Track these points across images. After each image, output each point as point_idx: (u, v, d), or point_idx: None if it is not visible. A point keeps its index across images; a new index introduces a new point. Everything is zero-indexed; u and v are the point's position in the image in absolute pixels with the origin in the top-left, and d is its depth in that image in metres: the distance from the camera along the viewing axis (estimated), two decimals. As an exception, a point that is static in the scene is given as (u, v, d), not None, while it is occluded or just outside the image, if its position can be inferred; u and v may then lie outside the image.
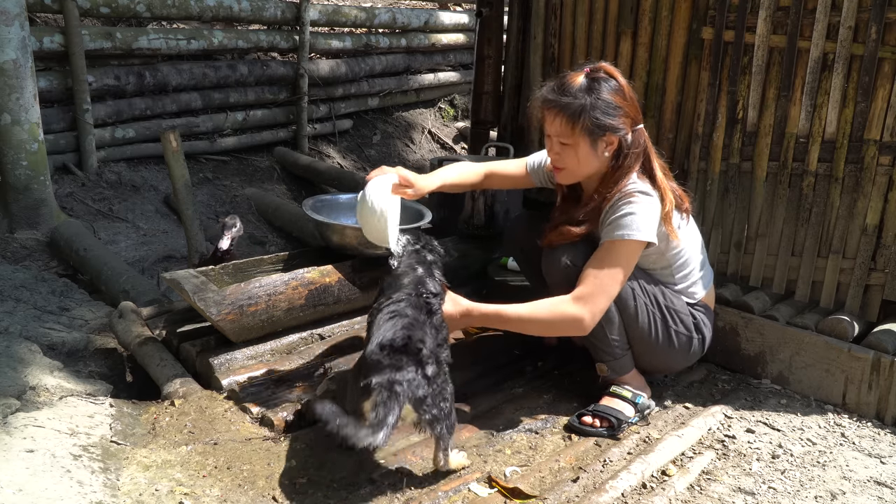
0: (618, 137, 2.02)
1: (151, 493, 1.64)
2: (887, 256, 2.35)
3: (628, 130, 2.02)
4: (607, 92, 1.99)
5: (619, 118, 2.00)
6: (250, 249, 4.14)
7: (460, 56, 6.92)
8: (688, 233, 2.15)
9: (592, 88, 1.99)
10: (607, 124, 1.99)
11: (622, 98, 2.01)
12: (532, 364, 2.44)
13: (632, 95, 2.04)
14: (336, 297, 2.41)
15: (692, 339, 2.16)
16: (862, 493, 1.87)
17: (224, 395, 2.11)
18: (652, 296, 2.10)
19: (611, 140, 2.02)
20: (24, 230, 3.59)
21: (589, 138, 2.00)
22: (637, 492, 1.80)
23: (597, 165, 2.06)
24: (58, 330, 2.58)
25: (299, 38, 5.29)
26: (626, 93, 2.02)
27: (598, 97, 1.98)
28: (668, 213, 2.04)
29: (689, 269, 2.16)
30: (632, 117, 2.03)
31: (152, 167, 4.63)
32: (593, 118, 1.97)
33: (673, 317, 2.13)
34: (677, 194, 2.10)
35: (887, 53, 2.28)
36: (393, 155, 6.06)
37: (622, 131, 2.01)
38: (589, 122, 1.98)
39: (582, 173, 2.09)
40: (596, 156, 2.03)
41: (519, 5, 3.28)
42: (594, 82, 1.99)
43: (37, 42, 3.86)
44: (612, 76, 2.02)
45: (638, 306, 2.08)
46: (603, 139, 2.01)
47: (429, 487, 1.76)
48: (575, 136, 2.00)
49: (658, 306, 2.11)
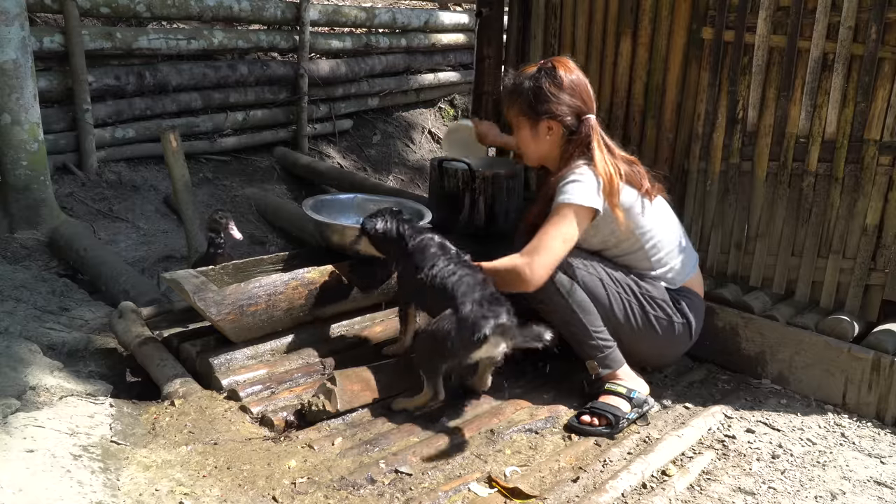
0: (557, 123, 2.18)
1: (151, 493, 1.63)
2: (887, 256, 2.35)
3: (570, 118, 2.17)
4: (547, 81, 2.17)
5: (555, 105, 2.16)
6: (250, 249, 4.15)
7: (460, 56, 6.92)
8: (655, 215, 2.21)
9: (536, 77, 2.19)
10: (541, 109, 2.18)
11: (558, 88, 2.17)
12: (532, 364, 2.44)
13: (574, 88, 2.18)
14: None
15: (674, 324, 2.19)
16: (862, 493, 1.87)
17: (224, 395, 2.11)
18: (625, 285, 2.17)
19: (550, 125, 2.19)
20: (24, 230, 3.59)
21: (528, 121, 2.22)
22: (637, 492, 1.80)
23: (545, 148, 2.24)
24: (58, 330, 2.58)
25: (299, 38, 5.29)
26: (564, 84, 2.17)
27: (537, 84, 2.18)
28: (607, 189, 2.11)
29: (663, 253, 2.21)
30: (573, 107, 2.18)
31: (152, 167, 4.63)
32: (528, 101, 2.19)
33: (650, 303, 2.17)
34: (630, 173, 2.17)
35: (887, 53, 2.28)
36: (393, 155, 6.06)
37: (561, 118, 2.17)
38: (525, 105, 2.20)
39: (532, 155, 2.29)
40: (537, 138, 2.23)
41: (519, 5, 3.28)
42: (539, 72, 2.20)
43: (37, 42, 3.86)
44: (556, 69, 2.18)
45: (610, 294, 2.14)
46: (542, 123, 2.20)
47: (429, 487, 1.76)
48: (518, 118, 2.25)
49: (633, 294, 2.17)
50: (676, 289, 2.23)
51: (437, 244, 2.14)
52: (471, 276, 2.01)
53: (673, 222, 2.28)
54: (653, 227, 2.19)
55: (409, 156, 6.17)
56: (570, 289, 2.12)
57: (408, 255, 2.15)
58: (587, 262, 2.16)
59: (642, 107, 2.88)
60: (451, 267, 2.04)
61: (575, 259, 2.14)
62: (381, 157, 5.98)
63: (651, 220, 2.19)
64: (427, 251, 2.12)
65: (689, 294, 2.25)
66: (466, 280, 1.99)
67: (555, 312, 2.15)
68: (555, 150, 2.23)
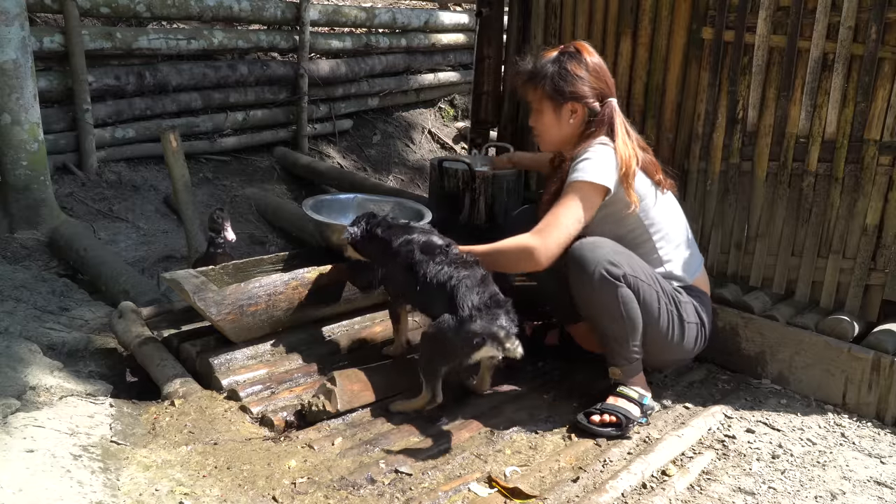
0: (581, 105, 2.16)
1: (151, 493, 1.63)
2: (887, 256, 2.35)
3: (594, 101, 2.16)
4: (571, 63, 2.16)
5: (580, 86, 2.15)
6: (250, 249, 4.14)
7: (460, 56, 6.91)
8: (665, 208, 2.20)
9: (558, 60, 2.18)
10: (567, 91, 2.16)
11: (584, 70, 2.16)
12: (532, 364, 2.44)
13: (599, 71, 2.18)
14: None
15: (698, 328, 2.19)
16: (862, 493, 1.87)
17: (224, 395, 2.11)
18: (671, 296, 2.12)
19: (574, 108, 2.17)
20: (24, 230, 3.59)
21: (552, 103, 2.19)
22: (637, 492, 1.80)
23: (567, 131, 2.21)
24: (58, 330, 2.58)
25: (299, 38, 5.29)
26: (589, 66, 2.17)
27: (561, 66, 2.17)
28: (625, 170, 2.09)
29: (671, 246, 2.19)
30: (597, 89, 2.17)
31: (152, 167, 4.63)
32: (554, 83, 2.16)
33: (684, 308, 2.15)
34: (647, 160, 2.17)
35: (887, 53, 2.28)
36: (393, 155, 6.05)
37: (585, 100, 2.16)
38: (549, 87, 2.17)
39: (552, 139, 2.25)
40: (560, 121, 2.20)
41: (519, 5, 3.28)
42: (562, 55, 2.19)
43: (37, 42, 3.86)
44: (580, 52, 2.18)
45: (661, 309, 2.09)
46: (566, 106, 2.17)
47: (429, 487, 1.76)
48: (541, 102, 2.21)
49: (674, 303, 2.13)
50: (687, 286, 2.21)
51: (420, 244, 2.10)
52: (469, 276, 2.00)
53: (681, 218, 2.27)
54: (662, 219, 2.18)
55: (409, 156, 6.17)
56: (629, 305, 2.03)
57: (392, 256, 2.14)
58: (648, 274, 2.08)
59: (642, 107, 2.88)
60: (446, 269, 2.01)
61: (640, 270, 2.06)
62: (381, 157, 5.98)
63: (661, 212, 2.18)
64: (413, 251, 2.09)
65: (700, 294, 2.23)
66: (465, 281, 1.98)
67: (603, 318, 2.08)
68: (575, 133, 2.21)
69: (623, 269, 2.02)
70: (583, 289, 2.06)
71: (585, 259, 2.03)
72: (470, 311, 1.91)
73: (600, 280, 2.01)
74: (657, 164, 2.21)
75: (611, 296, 2.02)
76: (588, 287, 2.04)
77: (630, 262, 2.06)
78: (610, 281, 2.01)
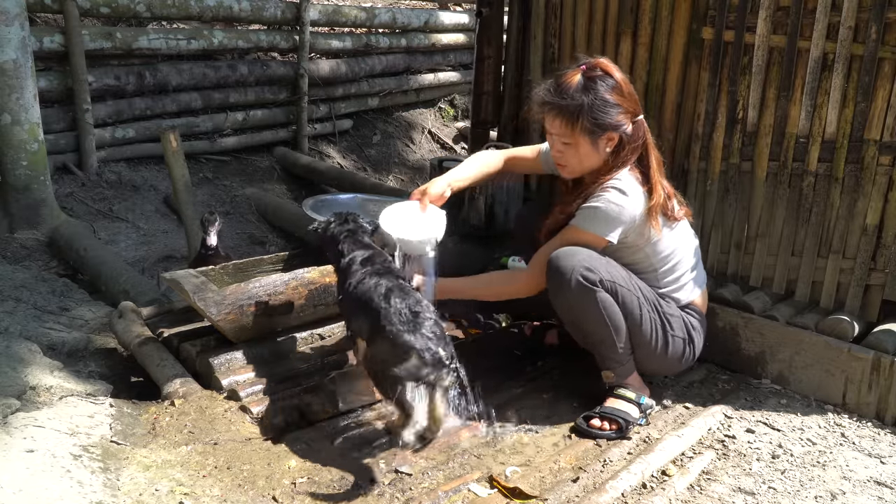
0: (618, 134, 2.03)
1: (151, 493, 1.63)
2: (887, 256, 2.35)
3: (628, 124, 2.04)
4: (605, 90, 2.00)
5: (618, 115, 2.01)
6: (250, 249, 4.14)
7: (460, 56, 6.91)
8: (677, 237, 2.15)
9: (589, 88, 2.00)
10: (607, 123, 2.01)
11: (620, 95, 2.02)
12: (532, 364, 2.44)
13: (630, 90, 2.06)
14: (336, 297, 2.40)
15: (685, 343, 2.17)
16: (862, 493, 1.87)
17: (224, 395, 2.11)
18: (653, 304, 2.11)
19: (611, 137, 2.04)
20: (24, 230, 3.59)
21: (589, 138, 2.03)
22: (637, 492, 1.80)
23: (599, 161, 2.09)
24: (58, 330, 2.58)
25: (299, 38, 5.29)
26: (623, 89, 2.03)
27: (596, 97, 1.99)
28: (655, 206, 2.05)
29: (676, 275, 2.17)
30: (631, 111, 2.05)
31: (152, 167, 4.63)
32: (592, 119, 1.99)
33: (670, 322, 2.13)
34: (667, 192, 2.12)
35: (887, 53, 2.27)
36: (393, 155, 6.05)
37: (622, 127, 2.03)
38: (588, 123, 2.00)
39: (584, 169, 2.12)
40: (597, 153, 2.07)
41: (519, 5, 3.28)
42: (591, 81, 2.00)
43: (37, 42, 3.85)
44: (608, 74, 2.03)
45: (643, 315, 2.07)
46: (604, 137, 2.03)
47: (429, 487, 1.76)
48: (575, 136, 2.03)
49: (658, 313, 2.11)
50: (682, 305, 2.19)
51: (361, 259, 2.01)
52: (390, 284, 1.88)
53: (692, 244, 2.22)
54: (675, 249, 2.14)
55: (409, 156, 6.17)
56: (609, 309, 2.02)
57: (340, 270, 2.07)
58: (629, 279, 2.07)
59: (643, 107, 2.87)
60: (369, 280, 1.90)
61: (619, 276, 2.04)
62: (381, 157, 5.98)
63: (674, 242, 2.14)
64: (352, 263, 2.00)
65: (697, 313, 2.21)
66: (379, 290, 1.86)
67: (585, 324, 2.07)
68: (607, 159, 2.07)
69: (600, 274, 2.00)
70: (562, 297, 2.03)
71: (561, 268, 2.00)
72: (396, 325, 1.79)
73: (577, 286, 1.98)
74: (671, 192, 2.14)
75: (590, 301, 2.00)
76: (567, 294, 2.01)
77: (609, 268, 2.03)
78: (587, 286, 1.98)
